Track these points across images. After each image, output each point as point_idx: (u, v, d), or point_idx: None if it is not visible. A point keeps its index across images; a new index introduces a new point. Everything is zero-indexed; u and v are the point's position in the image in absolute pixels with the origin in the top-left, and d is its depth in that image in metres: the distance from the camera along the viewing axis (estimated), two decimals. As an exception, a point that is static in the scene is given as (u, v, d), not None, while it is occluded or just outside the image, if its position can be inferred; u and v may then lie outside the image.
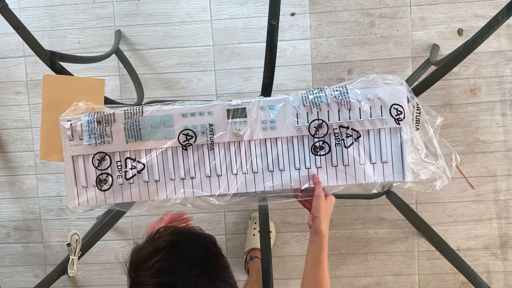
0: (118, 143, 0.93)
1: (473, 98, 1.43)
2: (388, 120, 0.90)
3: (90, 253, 1.52)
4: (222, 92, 1.48)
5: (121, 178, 0.93)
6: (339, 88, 0.91)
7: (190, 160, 0.93)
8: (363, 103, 0.90)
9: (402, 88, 0.90)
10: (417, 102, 0.91)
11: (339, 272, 1.52)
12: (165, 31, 1.48)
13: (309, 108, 0.91)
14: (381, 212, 1.48)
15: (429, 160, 0.92)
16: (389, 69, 1.44)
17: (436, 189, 0.91)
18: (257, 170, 0.93)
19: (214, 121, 0.92)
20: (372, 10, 1.43)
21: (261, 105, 0.92)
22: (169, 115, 0.92)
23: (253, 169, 0.93)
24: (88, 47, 1.49)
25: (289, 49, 1.45)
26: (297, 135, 0.92)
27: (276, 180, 0.93)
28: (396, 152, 0.92)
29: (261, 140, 0.93)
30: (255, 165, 0.93)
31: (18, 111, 1.53)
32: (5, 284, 1.60)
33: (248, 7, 1.46)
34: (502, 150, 1.43)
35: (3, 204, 1.57)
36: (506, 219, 1.46)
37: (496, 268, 1.48)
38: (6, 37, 1.51)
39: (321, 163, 0.92)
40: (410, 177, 0.91)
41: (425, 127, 0.91)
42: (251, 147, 0.93)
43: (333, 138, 0.91)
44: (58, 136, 0.93)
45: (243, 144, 0.93)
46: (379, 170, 0.92)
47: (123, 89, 1.50)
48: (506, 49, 1.41)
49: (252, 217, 1.51)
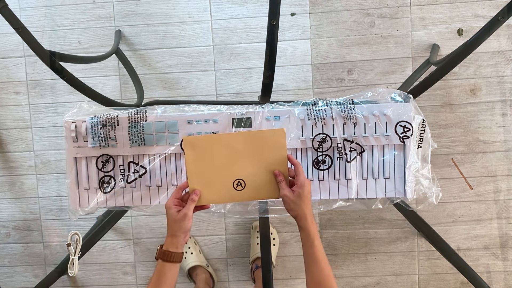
0: (122, 147, 0.93)
1: (473, 98, 1.43)
2: (392, 137, 0.90)
3: (90, 253, 1.53)
4: (222, 92, 1.48)
5: (123, 182, 0.93)
6: (345, 101, 0.91)
7: None
8: (369, 119, 0.90)
9: (408, 105, 0.90)
10: (423, 119, 0.90)
11: (339, 272, 1.52)
12: (165, 31, 1.48)
13: (314, 121, 0.91)
14: (381, 212, 1.48)
15: (420, 175, 0.92)
16: (389, 69, 1.44)
17: (434, 205, 0.91)
18: None
19: (219, 129, 0.92)
20: (372, 10, 1.43)
21: (266, 116, 0.92)
22: (175, 121, 0.93)
23: None
24: (88, 47, 1.49)
25: (289, 49, 1.45)
26: (301, 147, 0.92)
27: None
28: (399, 169, 0.92)
29: None
30: None
31: (18, 111, 1.53)
32: (5, 284, 1.60)
33: (248, 7, 1.45)
34: (502, 150, 1.43)
35: (3, 204, 1.57)
36: (506, 219, 1.46)
37: (496, 268, 1.48)
38: (6, 37, 1.51)
39: (324, 176, 0.93)
40: (411, 195, 0.91)
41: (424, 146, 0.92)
42: None
43: (336, 152, 0.91)
44: (210, 182, 0.85)
45: None
46: (381, 186, 0.92)
47: (123, 89, 1.50)
48: (506, 49, 1.41)
49: (254, 227, 1.51)
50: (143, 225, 1.54)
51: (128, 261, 1.56)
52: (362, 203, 0.94)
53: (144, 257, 1.56)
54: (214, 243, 1.54)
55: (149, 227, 1.54)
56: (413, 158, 0.91)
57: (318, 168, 0.92)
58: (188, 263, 1.45)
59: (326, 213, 1.49)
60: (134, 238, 1.55)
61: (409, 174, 0.91)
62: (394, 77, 1.44)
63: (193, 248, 1.49)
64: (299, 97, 1.46)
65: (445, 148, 1.44)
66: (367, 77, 1.44)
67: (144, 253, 1.55)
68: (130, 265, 1.57)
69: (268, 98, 0.95)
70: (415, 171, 0.91)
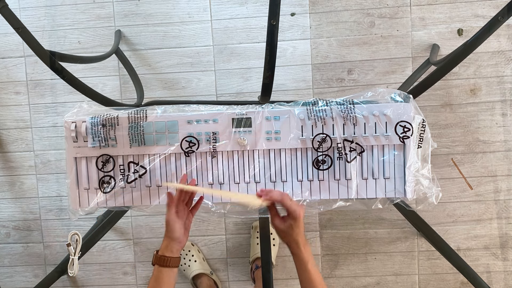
0: (122, 147, 0.93)
1: (473, 98, 1.43)
2: (392, 137, 0.90)
3: (90, 253, 1.53)
4: (222, 92, 1.48)
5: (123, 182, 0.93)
6: (345, 101, 0.91)
7: (193, 167, 0.93)
8: (369, 119, 0.90)
9: (408, 105, 0.90)
10: (423, 119, 0.90)
11: (339, 272, 1.52)
12: (165, 31, 1.48)
13: (314, 121, 0.91)
14: (381, 212, 1.48)
15: (420, 175, 0.92)
16: (389, 69, 1.44)
17: (434, 205, 0.91)
18: (259, 180, 0.93)
19: (219, 129, 0.92)
20: (372, 10, 1.43)
21: (266, 116, 0.92)
22: (175, 121, 0.92)
23: (255, 179, 0.93)
24: (88, 47, 1.49)
25: (289, 49, 1.45)
26: (301, 147, 0.92)
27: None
28: (399, 169, 0.92)
29: (264, 150, 0.93)
30: (257, 175, 0.93)
31: (18, 111, 1.53)
32: (5, 284, 1.60)
33: (248, 7, 1.45)
34: (502, 150, 1.43)
35: (3, 204, 1.57)
36: (506, 219, 1.46)
37: (496, 268, 1.48)
38: (6, 37, 1.51)
39: (324, 176, 0.92)
40: (411, 195, 0.91)
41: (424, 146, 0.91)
42: (254, 157, 0.93)
43: (336, 152, 0.91)
44: None
45: (246, 153, 0.93)
46: (381, 186, 0.92)
47: (123, 89, 1.50)
48: (506, 49, 1.41)
49: (254, 227, 1.51)
50: (143, 225, 1.54)
51: (128, 261, 1.56)
52: (362, 203, 0.94)
53: (144, 257, 1.56)
54: (214, 243, 1.54)
55: (149, 227, 1.54)
56: (413, 158, 0.90)
57: (318, 168, 0.92)
58: (192, 271, 1.45)
59: (326, 213, 1.49)
60: (134, 238, 1.55)
61: (409, 174, 0.91)
62: (394, 77, 1.44)
63: (197, 256, 1.48)
64: (299, 97, 1.46)
65: (445, 148, 1.44)
66: (367, 77, 1.44)
67: (144, 253, 1.55)
68: (130, 265, 1.57)
69: (268, 98, 0.95)
70: (415, 171, 0.91)
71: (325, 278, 1.52)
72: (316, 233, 1.50)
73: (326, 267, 1.52)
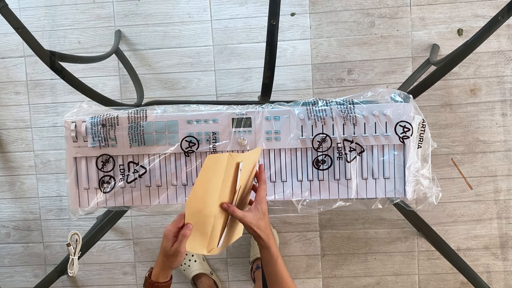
0: (122, 147, 0.93)
1: (473, 98, 1.43)
2: (392, 137, 0.90)
3: (90, 253, 1.53)
4: (222, 92, 1.48)
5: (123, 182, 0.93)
6: (345, 101, 0.91)
7: (193, 166, 0.93)
8: (369, 119, 0.90)
9: (408, 105, 0.90)
10: (423, 119, 0.90)
11: (339, 272, 1.52)
12: (165, 31, 1.48)
13: (314, 121, 0.91)
14: (381, 212, 1.48)
15: (420, 175, 0.92)
16: (389, 69, 1.44)
17: (434, 205, 0.91)
18: None
19: (219, 129, 0.92)
20: (372, 10, 1.43)
21: (266, 116, 0.92)
22: (175, 121, 0.93)
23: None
24: (88, 47, 1.49)
25: (289, 49, 1.45)
26: (301, 147, 0.92)
27: (278, 191, 0.93)
28: (399, 169, 0.92)
29: (264, 150, 0.93)
30: None
31: (18, 111, 1.53)
32: (5, 284, 1.60)
33: (248, 7, 1.45)
34: (502, 150, 1.43)
35: (3, 204, 1.57)
36: (506, 219, 1.46)
37: (496, 268, 1.48)
38: (6, 37, 1.51)
39: (324, 176, 0.92)
40: (411, 195, 0.91)
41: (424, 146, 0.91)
42: None
43: (335, 152, 0.91)
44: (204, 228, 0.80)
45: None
46: (381, 186, 0.92)
47: (123, 89, 1.50)
48: (506, 49, 1.41)
49: None
50: (143, 225, 1.54)
51: (128, 261, 1.56)
52: (362, 203, 0.94)
53: (144, 257, 1.56)
54: (214, 243, 1.54)
55: (149, 227, 1.54)
56: (413, 158, 0.91)
57: (318, 168, 0.92)
58: (192, 271, 1.45)
59: (326, 213, 1.49)
60: (134, 238, 1.55)
61: (409, 174, 0.91)
62: (394, 77, 1.44)
63: (197, 256, 1.48)
64: (299, 97, 1.46)
65: (445, 148, 1.44)
66: (367, 77, 1.44)
67: (144, 253, 1.55)
68: (130, 265, 1.57)
69: (268, 98, 0.95)
70: (415, 171, 0.91)
71: (325, 278, 1.52)
72: (316, 233, 1.50)
73: (326, 267, 1.52)
